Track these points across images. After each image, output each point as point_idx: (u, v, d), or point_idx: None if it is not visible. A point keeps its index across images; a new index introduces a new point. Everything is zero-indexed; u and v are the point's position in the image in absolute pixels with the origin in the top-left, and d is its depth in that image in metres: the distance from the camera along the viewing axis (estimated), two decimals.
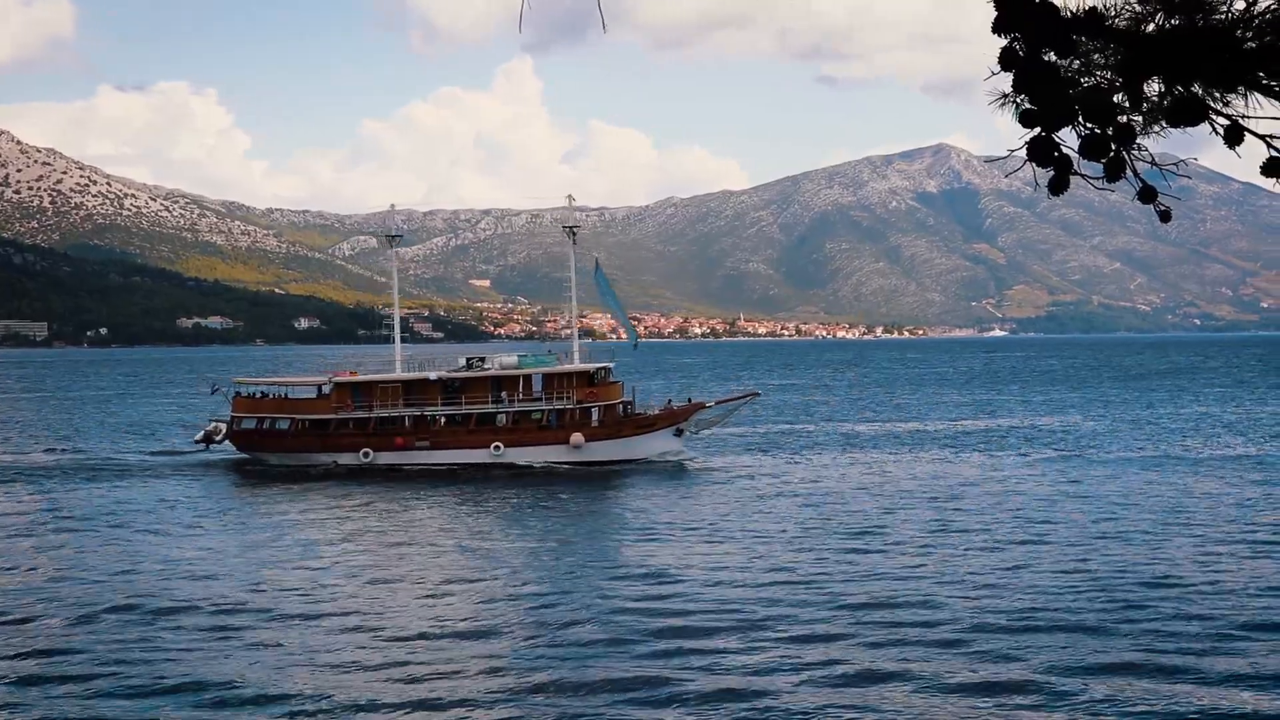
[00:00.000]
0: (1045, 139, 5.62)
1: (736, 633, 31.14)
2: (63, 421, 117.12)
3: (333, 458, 72.17)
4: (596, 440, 71.30)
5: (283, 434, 74.02)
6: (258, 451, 74.84)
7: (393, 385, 73.22)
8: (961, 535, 46.21)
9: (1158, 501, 54.75)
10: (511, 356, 75.62)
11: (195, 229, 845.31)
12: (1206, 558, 40.56)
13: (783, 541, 45.12)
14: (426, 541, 46.50)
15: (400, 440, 71.83)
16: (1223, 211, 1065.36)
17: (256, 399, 76.88)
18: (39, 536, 48.94)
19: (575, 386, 71.97)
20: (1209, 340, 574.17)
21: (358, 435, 72.38)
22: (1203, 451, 76.57)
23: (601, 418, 72.27)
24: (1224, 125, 5.43)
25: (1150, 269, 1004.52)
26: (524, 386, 72.63)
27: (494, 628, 32.11)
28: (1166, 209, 5.94)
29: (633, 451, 72.06)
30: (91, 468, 74.72)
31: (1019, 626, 31.35)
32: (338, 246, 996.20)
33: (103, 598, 36.25)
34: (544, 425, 71.83)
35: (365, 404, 72.71)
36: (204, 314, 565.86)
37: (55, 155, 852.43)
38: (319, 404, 73.75)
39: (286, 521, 52.11)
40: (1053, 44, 5.41)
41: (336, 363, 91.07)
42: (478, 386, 72.61)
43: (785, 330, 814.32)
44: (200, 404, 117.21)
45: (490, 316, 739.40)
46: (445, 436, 71.86)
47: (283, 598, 36.11)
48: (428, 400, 72.55)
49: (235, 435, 75.36)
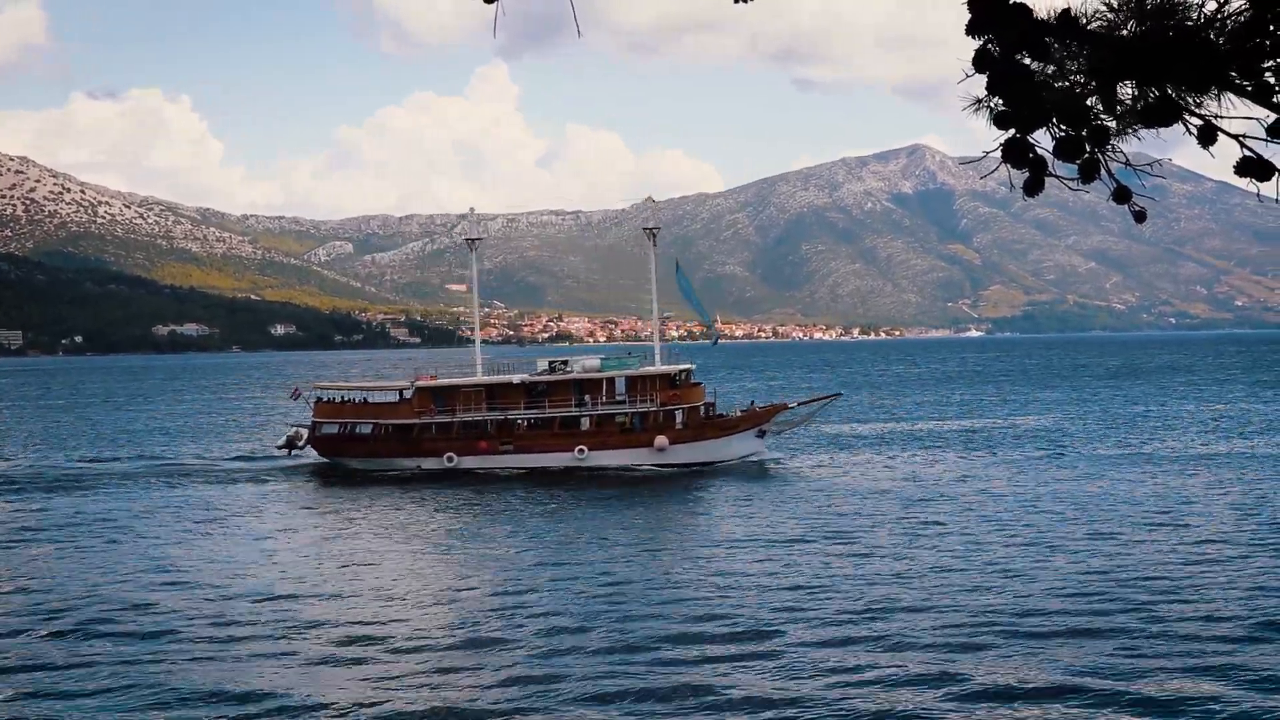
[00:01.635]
0: (1020, 141, 5.63)
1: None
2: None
3: (416, 462, 72.01)
4: (680, 443, 71.16)
5: (365, 439, 73.98)
6: (340, 457, 74.64)
7: (476, 389, 73.09)
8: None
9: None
10: (594, 359, 75.69)
11: (170, 236, 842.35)
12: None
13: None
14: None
15: (484, 444, 71.64)
16: (1196, 210, 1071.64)
17: (338, 404, 76.34)
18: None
19: (658, 389, 71.85)
20: (1186, 339, 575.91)
21: (441, 440, 72.23)
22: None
23: (685, 420, 72.21)
24: (1197, 125, 5.45)
25: (1125, 268, 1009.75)
26: (607, 389, 72.56)
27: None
28: (1141, 209, 5.98)
29: (716, 454, 71.91)
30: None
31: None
32: (313, 252, 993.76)
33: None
34: (628, 428, 71.74)
35: (448, 408, 72.53)
36: (180, 321, 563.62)
37: (28, 163, 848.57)
38: (401, 408, 73.59)
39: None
40: (1027, 47, 5.42)
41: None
42: (561, 390, 72.39)
43: (762, 332, 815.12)
44: (271, 409, 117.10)
45: (467, 321, 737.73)
46: (529, 440, 71.65)
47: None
48: (511, 404, 72.31)
49: (317, 440, 75.19)
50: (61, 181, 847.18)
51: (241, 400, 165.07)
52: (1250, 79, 5.30)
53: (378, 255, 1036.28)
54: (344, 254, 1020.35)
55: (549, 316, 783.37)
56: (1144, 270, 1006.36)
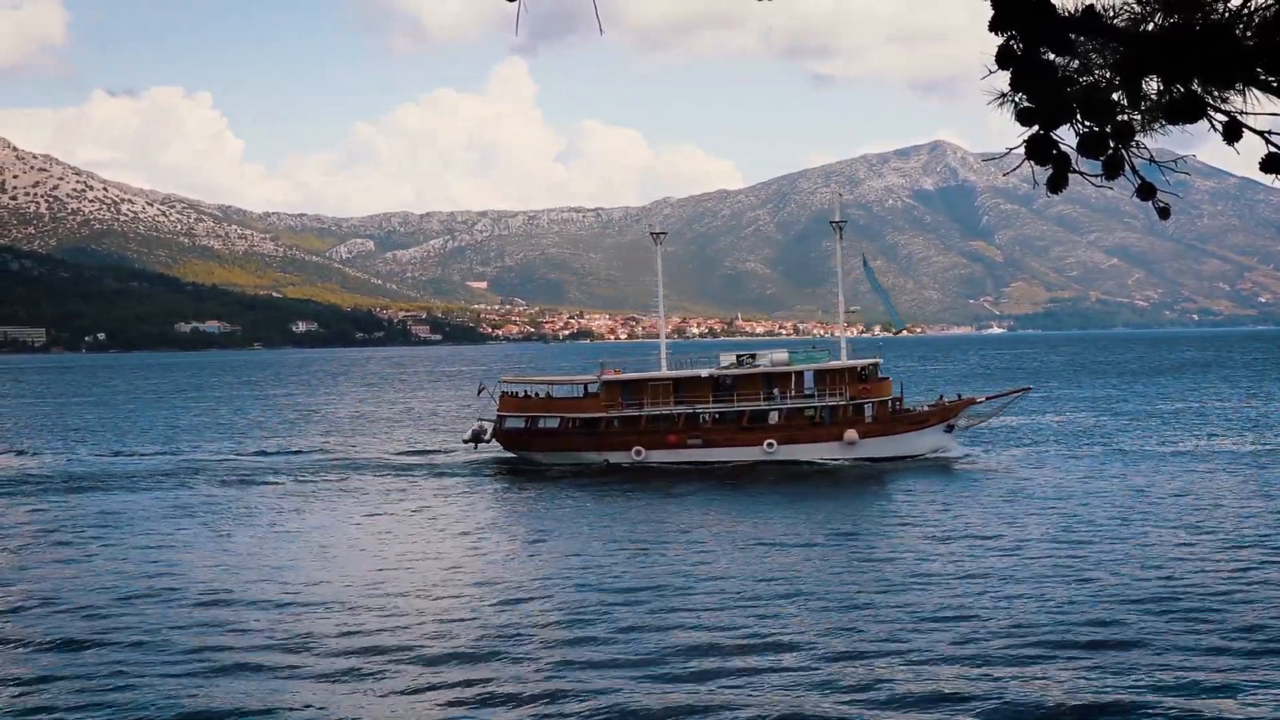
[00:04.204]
0: (1044, 137, 5.59)
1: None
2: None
3: (603, 456, 72.30)
4: (870, 437, 70.81)
5: (552, 433, 74.17)
6: (526, 450, 74.90)
7: (664, 383, 73.23)
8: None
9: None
10: (782, 353, 75.57)
11: (192, 233, 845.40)
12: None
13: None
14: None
15: (673, 438, 71.72)
16: (1220, 206, 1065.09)
17: (524, 398, 76.68)
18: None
19: (847, 383, 71.63)
20: (1213, 336, 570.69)
21: (629, 433, 72.41)
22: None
23: (874, 414, 71.81)
24: (1222, 122, 5.40)
25: (1148, 264, 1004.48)
26: (796, 383, 72.26)
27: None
28: (1165, 205, 5.92)
29: (905, 448, 71.47)
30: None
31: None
32: (334, 250, 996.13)
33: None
34: (817, 422, 71.47)
35: (636, 402, 72.79)
36: (201, 318, 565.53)
37: (51, 161, 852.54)
38: (589, 402, 73.93)
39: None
40: (1050, 42, 5.39)
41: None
42: (750, 383, 72.28)
43: (783, 329, 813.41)
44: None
45: (488, 318, 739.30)
46: (717, 434, 71.69)
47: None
48: (699, 398, 72.35)
49: (502, 434, 75.55)
50: (84, 179, 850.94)
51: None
52: (1277, 75, 5.26)
53: (398, 252, 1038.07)
54: (365, 251, 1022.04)
55: (570, 313, 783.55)
56: (1167, 267, 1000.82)
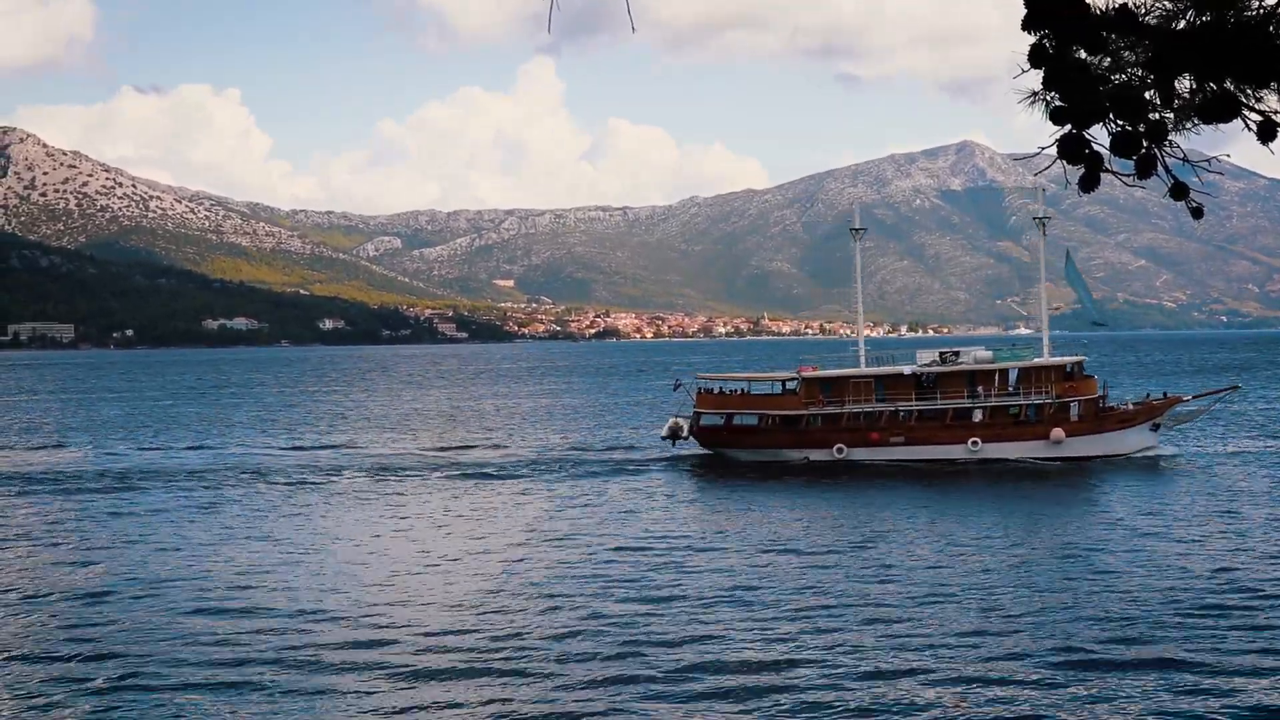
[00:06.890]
0: (1076, 136, 5.59)
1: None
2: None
3: (804, 453, 71.47)
4: (1077, 435, 69.87)
5: (751, 430, 73.44)
6: (723, 447, 74.25)
7: (865, 380, 72.34)
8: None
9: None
10: (985, 350, 74.93)
11: (220, 230, 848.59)
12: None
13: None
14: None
15: (875, 436, 70.92)
16: (1249, 208, 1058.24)
17: (721, 395, 75.95)
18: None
19: (1053, 381, 70.59)
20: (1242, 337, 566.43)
21: (830, 431, 71.53)
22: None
23: (1081, 412, 70.77)
24: (1257, 121, 5.37)
25: (1176, 266, 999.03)
26: (999, 381, 71.62)
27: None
28: (1198, 205, 5.89)
29: (1112, 447, 70.37)
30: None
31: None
32: (361, 247, 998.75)
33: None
34: (1022, 420, 70.50)
35: (837, 399, 71.99)
36: (229, 315, 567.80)
37: (80, 158, 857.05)
38: (788, 400, 73.11)
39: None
40: (1082, 41, 5.39)
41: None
42: (953, 381, 71.30)
43: (809, 329, 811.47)
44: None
45: (514, 316, 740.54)
46: (920, 432, 70.76)
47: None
48: (901, 395, 71.47)
49: (699, 431, 74.90)
50: (114, 176, 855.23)
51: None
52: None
53: (425, 250, 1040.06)
54: (393, 249, 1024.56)
55: (596, 312, 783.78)
56: (1195, 268, 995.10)
